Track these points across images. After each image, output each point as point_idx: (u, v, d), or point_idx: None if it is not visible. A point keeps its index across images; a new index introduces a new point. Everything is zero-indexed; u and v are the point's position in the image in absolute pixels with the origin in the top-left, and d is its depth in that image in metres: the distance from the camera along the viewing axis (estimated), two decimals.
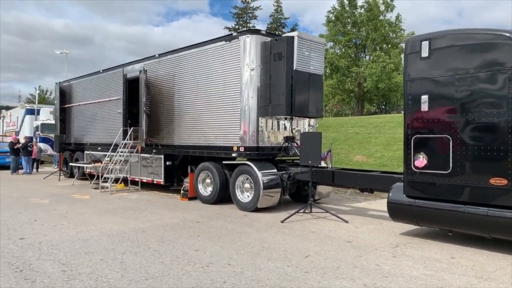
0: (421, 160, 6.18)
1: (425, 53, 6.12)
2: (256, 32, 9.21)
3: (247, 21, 64.45)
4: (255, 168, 8.79)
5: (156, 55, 11.95)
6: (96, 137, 14.85)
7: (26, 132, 29.83)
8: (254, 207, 8.83)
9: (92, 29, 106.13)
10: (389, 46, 36.74)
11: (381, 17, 37.66)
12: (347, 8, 38.38)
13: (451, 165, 5.86)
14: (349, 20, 38.52)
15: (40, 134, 25.65)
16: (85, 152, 15.53)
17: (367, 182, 7.90)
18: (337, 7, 38.50)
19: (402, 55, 6.46)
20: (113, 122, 13.89)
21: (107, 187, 12.33)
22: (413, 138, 6.29)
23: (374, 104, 47.42)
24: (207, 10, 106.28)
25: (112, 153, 12.79)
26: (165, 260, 5.43)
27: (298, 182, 9.27)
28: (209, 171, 10.00)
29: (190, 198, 10.56)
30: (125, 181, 12.62)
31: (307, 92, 9.28)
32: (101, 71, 14.68)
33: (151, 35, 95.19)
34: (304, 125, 10.17)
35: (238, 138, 9.24)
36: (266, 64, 9.12)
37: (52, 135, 26.03)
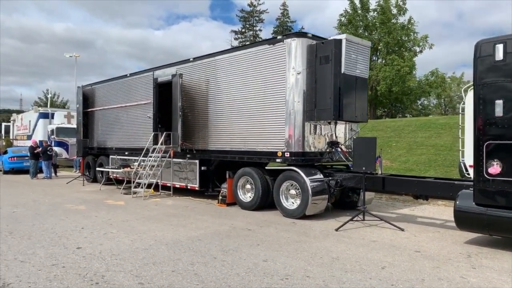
0: (495, 167, 5.96)
1: (499, 56, 5.91)
2: (303, 35, 9.02)
3: (254, 24, 64.52)
4: (302, 174, 8.58)
5: (191, 59, 11.78)
6: (123, 142, 14.67)
7: (39, 136, 29.70)
8: (301, 214, 8.61)
9: (93, 33, 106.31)
10: (403, 49, 36.52)
11: (393, 20, 37.49)
12: (359, 11, 38.23)
13: None
14: (361, 23, 38.36)
15: (56, 138, 25.51)
16: (111, 156, 15.34)
17: (426, 189, 7.67)
18: (349, 10, 38.36)
19: (473, 58, 6.12)
20: (141, 127, 13.72)
21: (138, 193, 12.14)
22: (485, 144, 6.07)
23: (380, 108, 47.15)
24: (208, 14, 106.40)
25: (143, 158, 12.61)
26: (240, 271, 5.21)
27: (343, 188, 9.05)
28: (249, 177, 9.80)
29: (229, 204, 10.36)
30: (154, 186, 12.40)
31: (354, 96, 9.09)
32: (128, 75, 14.52)
33: (151, 39, 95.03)
34: (346, 129, 9.95)
35: (283, 143, 9.04)
36: (311, 68, 8.93)
37: (67, 139, 26.01)
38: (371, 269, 5.36)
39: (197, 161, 11.41)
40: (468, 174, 10.10)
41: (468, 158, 10.18)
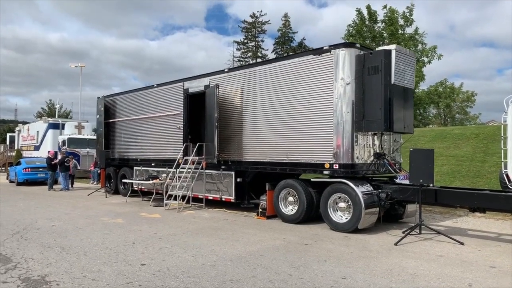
0: None
1: None
2: (351, 45, 8.93)
3: (256, 35, 64.91)
4: (354, 187, 8.40)
5: (226, 70, 11.67)
6: (149, 153, 14.46)
7: (48, 146, 29.41)
8: (352, 228, 8.41)
9: (88, 43, 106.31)
10: None
11: (400, 31, 37.65)
12: (367, 22, 38.40)
13: None
14: (368, 34, 38.49)
15: (67, 149, 25.20)
16: (135, 168, 15.11)
17: (486, 201, 7.50)
18: (357, 21, 38.51)
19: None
20: (169, 138, 13.54)
21: (168, 205, 11.91)
22: None
23: None
24: (203, 25, 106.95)
25: (173, 169, 12.41)
26: None
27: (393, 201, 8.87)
28: (292, 189, 9.61)
29: (268, 217, 10.15)
30: (184, 198, 12.15)
31: (402, 107, 8.98)
32: (155, 85, 14.36)
33: (146, 49, 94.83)
34: (390, 140, 9.80)
35: (331, 155, 8.87)
36: (359, 78, 8.82)
37: (78, 150, 25.74)
38: (458, 287, 5.16)
39: (232, 173, 11.22)
40: (511, 185, 9.96)
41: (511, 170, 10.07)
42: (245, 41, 65.80)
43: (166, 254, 6.72)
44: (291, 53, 10.04)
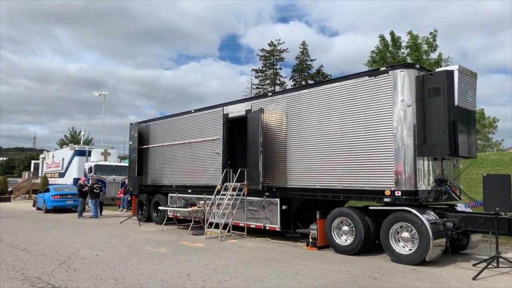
0: None
1: None
2: (411, 66, 8.59)
3: (274, 63, 65.48)
4: (420, 216, 7.82)
5: (269, 94, 11.44)
6: (185, 179, 14.11)
7: (74, 173, 29.48)
8: (419, 260, 7.78)
9: (105, 73, 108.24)
10: None
11: (424, 57, 37.41)
12: (391, 48, 38.31)
13: None
14: (392, 60, 38.30)
15: (94, 176, 25.08)
16: (170, 194, 14.75)
17: None
18: (380, 47, 38.47)
19: None
20: (207, 163, 13.21)
21: (208, 233, 11.44)
22: None
23: None
24: (216, 55, 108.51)
25: (214, 196, 12.00)
26: None
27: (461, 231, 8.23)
28: (347, 217, 9.06)
29: (319, 247, 9.56)
30: (224, 226, 11.64)
31: (466, 129, 8.48)
32: (192, 110, 14.18)
33: (161, 78, 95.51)
34: (450, 166, 9.25)
35: (392, 181, 8.35)
36: (419, 100, 8.40)
37: (104, 177, 25.61)
38: None
39: (277, 200, 10.74)
40: None
41: None
42: (263, 68, 66.42)
43: (229, 287, 6.23)
44: (340, 76, 9.71)
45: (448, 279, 6.88)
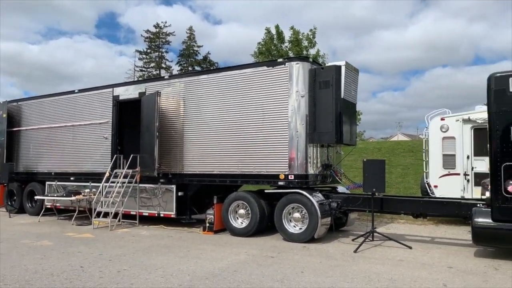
0: None
1: None
2: (305, 59, 9.19)
3: (160, 45, 63.41)
4: (310, 197, 8.53)
5: (166, 77, 11.10)
6: (67, 166, 12.91)
7: None
8: (308, 238, 8.50)
9: None
10: None
11: (304, 52, 40.21)
12: (275, 41, 40.21)
13: None
14: (276, 52, 40.28)
15: None
16: (47, 183, 13.34)
17: (432, 208, 8.22)
18: (266, 39, 40.07)
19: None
20: (94, 148, 12.30)
21: (96, 223, 10.74)
22: (503, 166, 6.78)
23: None
24: (92, 32, 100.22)
25: (103, 184, 11.25)
26: None
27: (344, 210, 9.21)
28: (244, 201, 9.40)
29: (216, 231, 9.75)
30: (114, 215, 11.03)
31: (349, 120, 9.46)
32: (76, 90, 12.98)
33: (26, 54, 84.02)
34: (334, 152, 10.22)
35: (286, 166, 8.91)
36: (311, 92, 9.08)
37: None
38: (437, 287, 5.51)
39: (173, 186, 10.57)
40: (432, 193, 11.13)
41: (433, 179, 11.27)
42: (148, 51, 63.70)
43: (130, 277, 5.99)
44: (241, 64, 9.98)
45: (334, 253, 7.68)
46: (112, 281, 5.74)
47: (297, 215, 8.80)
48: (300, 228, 8.72)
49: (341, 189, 10.18)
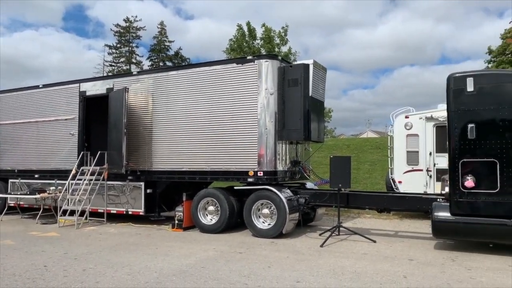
0: (469, 181, 7.01)
1: (470, 87, 7.06)
2: (274, 57, 9.26)
3: (130, 40, 62.15)
4: (278, 193, 8.65)
5: (134, 72, 10.98)
6: (31, 163, 12.52)
7: None
8: (276, 234, 8.63)
9: None
10: None
11: (276, 49, 40.42)
12: (247, 38, 40.20)
13: (499, 185, 6.81)
14: (248, 49, 40.29)
15: None
16: (11, 180, 12.91)
17: (395, 203, 8.50)
18: (237, 36, 40.00)
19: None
20: (59, 145, 11.99)
21: (60, 221, 10.49)
22: (460, 162, 7.11)
23: None
24: (59, 25, 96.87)
25: (69, 181, 11.00)
26: None
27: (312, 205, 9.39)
28: (214, 198, 9.42)
29: (185, 228, 9.73)
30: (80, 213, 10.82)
31: (317, 117, 9.63)
32: (40, 86, 12.59)
33: None
34: (302, 149, 10.38)
35: (255, 163, 8.99)
36: (280, 89, 9.18)
37: None
38: (397, 279, 5.74)
39: (142, 183, 10.46)
40: (397, 189, 11.51)
41: (397, 175, 11.66)
42: (118, 45, 62.35)
43: (96, 275, 5.92)
44: (211, 61, 9.97)
45: (301, 247, 7.84)
46: (77, 280, 5.66)
47: (266, 211, 8.91)
48: (269, 224, 8.84)
49: (309, 185, 10.38)
